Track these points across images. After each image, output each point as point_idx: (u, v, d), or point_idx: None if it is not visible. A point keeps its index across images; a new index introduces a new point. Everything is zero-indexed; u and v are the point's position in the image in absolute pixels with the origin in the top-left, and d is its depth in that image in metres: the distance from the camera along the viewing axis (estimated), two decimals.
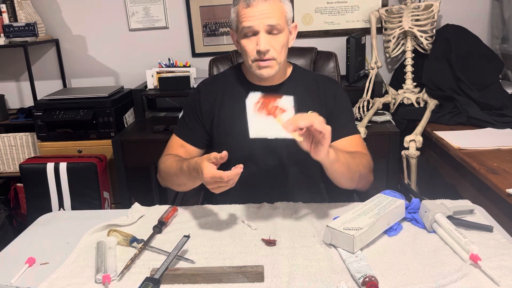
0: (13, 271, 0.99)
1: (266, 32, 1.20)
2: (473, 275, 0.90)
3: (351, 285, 0.89)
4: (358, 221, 1.02)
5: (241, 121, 1.31)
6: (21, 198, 2.52)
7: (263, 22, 1.18)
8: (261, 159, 1.33)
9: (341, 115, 1.34)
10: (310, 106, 1.33)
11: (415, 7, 2.37)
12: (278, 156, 1.33)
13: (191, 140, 1.38)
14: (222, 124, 1.35)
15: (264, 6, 1.18)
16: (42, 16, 2.67)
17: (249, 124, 1.07)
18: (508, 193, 1.38)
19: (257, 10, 1.18)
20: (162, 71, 2.53)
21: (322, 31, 2.62)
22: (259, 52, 1.21)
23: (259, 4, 1.18)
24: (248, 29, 1.20)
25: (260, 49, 1.19)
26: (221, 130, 1.35)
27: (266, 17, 1.18)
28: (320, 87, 1.37)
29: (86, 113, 2.35)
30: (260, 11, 1.18)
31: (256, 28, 1.19)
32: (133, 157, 2.25)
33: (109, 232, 1.10)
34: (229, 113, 1.34)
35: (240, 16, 1.21)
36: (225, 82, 1.39)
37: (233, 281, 0.91)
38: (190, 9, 2.63)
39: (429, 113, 2.20)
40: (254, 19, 1.18)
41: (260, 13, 1.18)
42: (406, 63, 2.38)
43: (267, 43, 1.20)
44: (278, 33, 1.21)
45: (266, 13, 1.18)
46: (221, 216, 1.21)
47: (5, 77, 2.84)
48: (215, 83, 1.41)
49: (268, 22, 1.18)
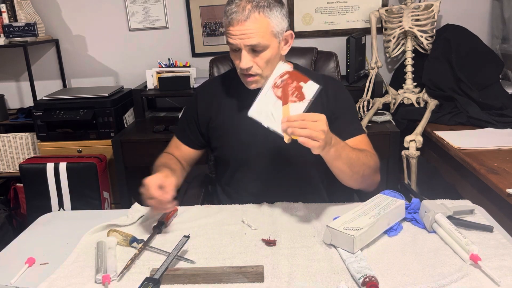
0: (13, 271, 0.99)
1: (248, 50, 1.18)
2: (473, 275, 0.90)
3: (351, 285, 0.89)
4: (358, 221, 1.02)
5: (239, 124, 1.31)
6: (21, 198, 2.52)
7: (243, 42, 1.17)
8: (259, 162, 1.33)
9: (344, 115, 1.32)
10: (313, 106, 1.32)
11: (415, 7, 2.37)
12: (276, 158, 1.32)
13: (186, 141, 1.41)
14: (219, 126, 1.35)
15: (245, 26, 1.15)
16: (42, 16, 2.67)
17: (256, 100, 1.07)
18: (508, 193, 1.38)
19: (238, 29, 1.16)
20: (162, 71, 2.53)
21: (322, 31, 2.62)
22: (241, 69, 1.21)
23: (239, 24, 1.15)
24: (230, 45, 1.20)
25: (241, 66, 1.19)
26: (219, 133, 1.36)
27: (247, 37, 1.16)
28: (325, 87, 1.36)
29: (86, 113, 2.35)
30: (240, 30, 1.15)
31: (237, 46, 1.18)
32: (133, 157, 2.25)
33: (109, 232, 1.10)
34: (226, 116, 1.35)
35: (226, 30, 1.20)
36: (223, 85, 1.39)
37: (233, 281, 0.91)
38: (190, 9, 2.63)
39: (429, 113, 2.20)
40: (235, 38, 1.17)
41: (241, 32, 1.16)
42: (406, 63, 2.38)
43: (249, 60, 1.19)
44: (262, 50, 1.19)
45: (247, 33, 1.15)
46: (221, 216, 1.20)
47: (5, 77, 2.84)
48: (212, 86, 1.41)
49: (247, 42, 1.16)
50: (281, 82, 1.05)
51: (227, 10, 1.18)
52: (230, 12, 1.17)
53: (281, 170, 1.34)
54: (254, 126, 1.28)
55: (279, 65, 1.09)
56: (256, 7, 1.15)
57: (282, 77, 1.05)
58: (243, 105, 1.32)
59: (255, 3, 1.16)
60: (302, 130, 0.99)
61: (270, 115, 1.05)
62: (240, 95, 1.34)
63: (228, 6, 1.18)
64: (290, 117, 1.01)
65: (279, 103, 1.05)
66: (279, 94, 1.05)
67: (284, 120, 1.01)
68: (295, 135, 0.99)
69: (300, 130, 0.99)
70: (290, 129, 1.00)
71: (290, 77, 1.06)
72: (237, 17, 1.15)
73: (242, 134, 1.32)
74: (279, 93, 1.04)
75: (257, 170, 1.33)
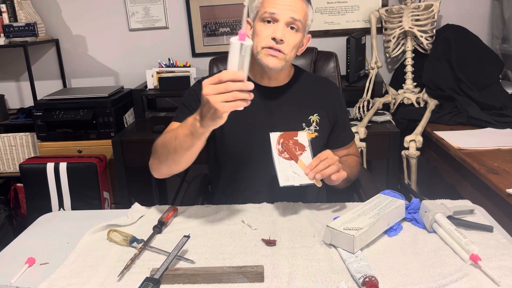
0: (13, 271, 0.99)
1: (286, 24, 1.20)
2: (473, 275, 0.90)
3: (351, 285, 0.89)
4: (358, 221, 1.02)
5: (242, 120, 1.31)
6: (21, 198, 2.52)
7: (287, 13, 1.18)
8: (261, 157, 1.33)
9: (342, 121, 1.40)
10: (314, 109, 1.34)
11: (415, 7, 2.37)
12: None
13: None
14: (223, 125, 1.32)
15: (293, 0, 1.19)
16: (42, 16, 2.67)
17: (277, 172, 1.14)
18: (508, 193, 1.38)
19: (285, 1, 1.18)
20: (162, 71, 2.53)
21: (322, 31, 2.62)
22: (273, 39, 1.19)
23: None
24: (270, 14, 1.19)
25: (276, 36, 1.18)
26: (222, 129, 1.33)
27: (292, 9, 1.18)
28: (324, 90, 1.38)
29: (86, 113, 2.35)
30: (287, 1, 1.18)
31: (278, 16, 1.19)
32: (133, 157, 2.25)
33: (109, 232, 1.10)
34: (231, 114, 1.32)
35: (266, 1, 1.20)
36: None
37: (233, 281, 0.91)
38: (190, 9, 2.63)
39: (429, 113, 2.20)
40: (279, 7, 1.18)
41: (286, 3, 1.18)
42: (406, 63, 2.38)
43: (284, 34, 1.19)
44: (296, 30, 1.21)
45: (292, 5, 1.18)
46: (221, 216, 1.20)
47: (5, 77, 2.84)
48: None
49: (292, 14, 1.18)
50: (282, 147, 1.17)
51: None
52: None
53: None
54: (255, 127, 1.28)
55: (271, 136, 1.18)
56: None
57: (279, 143, 1.18)
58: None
59: None
60: (327, 169, 1.11)
61: (295, 175, 1.15)
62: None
63: None
64: (309, 167, 1.13)
65: (292, 162, 1.17)
66: (287, 156, 1.17)
67: (307, 171, 1.13)
68: (324, 176, 1.13)
69: (326, 170, 1.11)
70: (317, 175, 1.11)
71: (284, 139, 1.18)
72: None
73: (245, 133, 1.32)
74: (287, 155, 1.17)
75: (259, 170, 1.33)
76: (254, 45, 1.22)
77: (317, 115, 1.34)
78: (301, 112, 1.33)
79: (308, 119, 1.33)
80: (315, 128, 1.34)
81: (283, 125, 1.29)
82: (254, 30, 1.23)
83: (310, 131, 1.33)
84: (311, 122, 1.33)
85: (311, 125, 1.33)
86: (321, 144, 1.36)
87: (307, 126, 1.33)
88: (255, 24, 1.24)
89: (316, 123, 1.34)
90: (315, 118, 1.34)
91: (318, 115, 1.34)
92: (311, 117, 1.34)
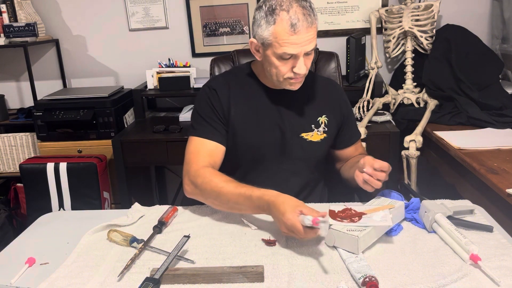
0: (13, 271, 0.99)
1: (305, 55, 1.18)
2: (473, 275, 0.90)
3: (351, 285, 0.89)
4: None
5: (253, 122, 1.30)
6: (21, 198, 2.52)
7: (305, 49, 1.15)
8: (270, 160, 1.32)
9: (350, 121, 1.40)
10: (322, 110, 1.34)
11: (415, 7, 2.37)
12: (291, 160, 1.33)
13: (218, 139, 1.28)
14: (235, 124, 1.30)
15: (309, 32, 1.14)
16: (42, 16, 2.67)
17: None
18: (508, 193, 1.38)
19: (302, 38, 1.13)
20: (162, 71, 2.53)
21: (322, 31, 2.62)
22: (296, 74, 1.19)
23: (304, 31, 1.12)
24: (289, 55, 1.16)
25: (300, 72, 1.18)
26: (233, 131, 1.31)
27: (309, 43, 1.15)
28: (330, 91, 1.38)
29: (86, 113, 2.35)
30: (304, 38, 1.13)
31: (298, 55, 1.16)
32: (133, 157, 2.25)
33: (109, 232, 1.10)
34: (242, 114, 1.30)
35: (281, 39, 1.14)
36: (237, 82, 1.34)
37: (233, 281, 0.91)
38: (190, 9, 2.63)
39: (429, 113, 2.20)
40: (297, 46, 1.14)
41: (304, 39, 1.13)
42: (406, 63, 2.38)
43: (305, 66, 1.19)
44: (312, 52, 1.20)
45: (309, 39, 1.14)
46: (221, 216, 1.20)
47: (5, 77, 2.84)
48: (228, 81, 1.34)
49: (310, 48, 1.16)
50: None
51: (284, 19, 1.12)
52: (293, 20, 1.11)
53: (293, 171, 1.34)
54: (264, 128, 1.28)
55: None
56: (312, 10, 1.15)
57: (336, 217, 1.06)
58: (257, 105, 1.31)
59: (308, 4, 1.15)
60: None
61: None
62: (254, 95, 1.32)
63: (280, 14, 1.12)
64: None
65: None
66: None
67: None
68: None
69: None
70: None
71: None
72: (304, 24, 1.12)
73: (256, 134, 1.30)
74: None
75: (270, 171, 1.33)
76: (274, 73, 1.21)
77: (325, 117, 1.34)
78: (310, 113, 1.33)
79: (317, 121, 1.33)
80: (323, 129, 1.33)
81: (293, 127, 1.30)
82: (270, 60, 1.19)
83: (319, 132, 1.33)
84: (319, 123, 1.33)
85: (319, 126, 1.33)
86: (328, 144, 1.37)
87: (316, 128, 1.32)
88: (272, 60, 1.19)
89: (325, 124, 1.34)
90: (323, 119, 1.34)
91: (326, 116, 1.34)
92: (320, 119, 1.33)
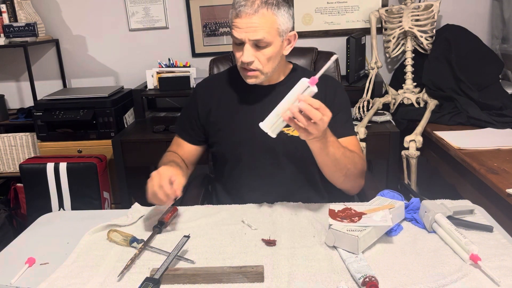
0: (13, 271, 0.99)
1: (252, 44, 1.19)
2: (473, 275, 0.90)
3: (351, 285, 0.89)
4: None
5: (237, 119, 1.32)
6: (21, 198, 2.52)
7: (248, 36, 1.17)
8: (253, 156, 1.33)
9: (339, 114, 1.32)
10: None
11: (415, 7, 2.37)
12: (275, 155, 1.32)
13: (187, 138, 1.42)
14: (217, 121, 1.36)
15: (252, 19, 1.16)
16: (42, 16, 2.67)
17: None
18: (508, 193, 1.38)
19: (245, 22, 1.17)
20: (162, 71, 2.53)
21: (322, 31, 2.62)
22: (243, 63, 1.21)
23: (247, 17, 1.16)
24: (235, 38, 1.21)
25: (243, 60, 1.20)
26: (217, 127, 1.36)
27: (252, 31, 1.17)
28: (320, 85, 1.36)
29: (86, 113, 2.35)
30: (247, 23, 1.17)
31: (242, 40, 1.19)
32: (133, 157, 2.25)
33: (109, 232, 1.10)
34: (225, 112, 1.35)
35: (231, 23, 1.21)
36: (221, 81, 1.40)
37: (233, 281, 0.91)
38: (190, 9, 2.63)
39: (429, 113, 2.20)
40: (240, 31, 1.18)
41: (247, 25, 1.17)
42: (406, 63, 2.38)
43: (251, 55, 1.20)
44: (265, 46, 1.19)
45: (253, 26, 1.16)
46: (221, 216, 1.20)
47: (5, 77, 2.84)
48: (212, 82, 1.43)
49: (252, 36, 1.17)
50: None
51: (235, 3, 1.19)
52: (238, 4, 1.18)
53: (278, 169, 1.34)
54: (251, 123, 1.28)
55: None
56: (265, 3, 1.17)
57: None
58: (241, 102, 1.34)
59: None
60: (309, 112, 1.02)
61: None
62: (240, 92, 1.35)
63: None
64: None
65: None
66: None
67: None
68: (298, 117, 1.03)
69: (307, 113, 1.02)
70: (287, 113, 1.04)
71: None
72: (246, 10, 1.16)
73: (239, 130, 1.32)
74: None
75: (254, 166, 1.34)
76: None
77: None
78: None
79: None
80: None
81: None
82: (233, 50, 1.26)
83: None
84: None
85: None
86: None
87: None
88: (232, 45, 1.26)
89: None
90: None
91: None
92: None
